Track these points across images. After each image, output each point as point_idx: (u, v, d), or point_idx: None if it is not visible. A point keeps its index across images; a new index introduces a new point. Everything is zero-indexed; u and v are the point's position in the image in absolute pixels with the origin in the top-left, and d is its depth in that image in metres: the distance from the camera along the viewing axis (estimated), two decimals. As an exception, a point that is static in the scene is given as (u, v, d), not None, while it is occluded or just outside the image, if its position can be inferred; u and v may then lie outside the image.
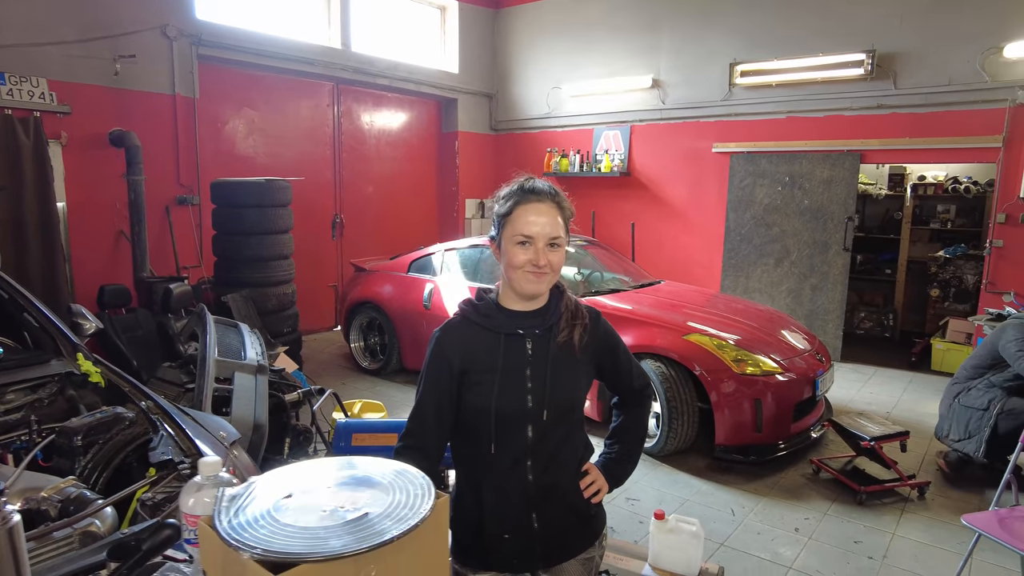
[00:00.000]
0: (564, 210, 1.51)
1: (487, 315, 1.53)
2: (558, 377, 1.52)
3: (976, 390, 3.86)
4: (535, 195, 1.48)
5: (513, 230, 1.47)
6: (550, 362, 1.51)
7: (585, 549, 1.64)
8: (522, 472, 1.52)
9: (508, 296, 1.54)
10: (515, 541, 1.54)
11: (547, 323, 1.53)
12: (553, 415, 1.51)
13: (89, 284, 5.23)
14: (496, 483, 1.52)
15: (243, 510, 0.94)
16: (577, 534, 1.63)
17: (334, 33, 7.22)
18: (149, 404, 2.18)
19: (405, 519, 0.90)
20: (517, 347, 1.51)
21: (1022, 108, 5.50)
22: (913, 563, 3.07)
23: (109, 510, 1.61)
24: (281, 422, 3.30)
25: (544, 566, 1.59)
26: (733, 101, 6.96)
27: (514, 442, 1.50)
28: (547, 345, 1.52)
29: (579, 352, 1.56)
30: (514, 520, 1.53)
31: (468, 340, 1.51)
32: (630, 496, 3.71)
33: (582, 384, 1.60)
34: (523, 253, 1.45)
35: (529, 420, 1.50)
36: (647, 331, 4.25)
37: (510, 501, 1.53)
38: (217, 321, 3.74)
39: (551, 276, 1.49)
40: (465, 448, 1.56)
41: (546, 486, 1.54)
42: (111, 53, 5.38)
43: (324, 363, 6.36)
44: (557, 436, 1.55)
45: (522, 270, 1.46)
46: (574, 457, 1.62)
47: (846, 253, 6.42)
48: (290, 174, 6.42)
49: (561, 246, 1.49)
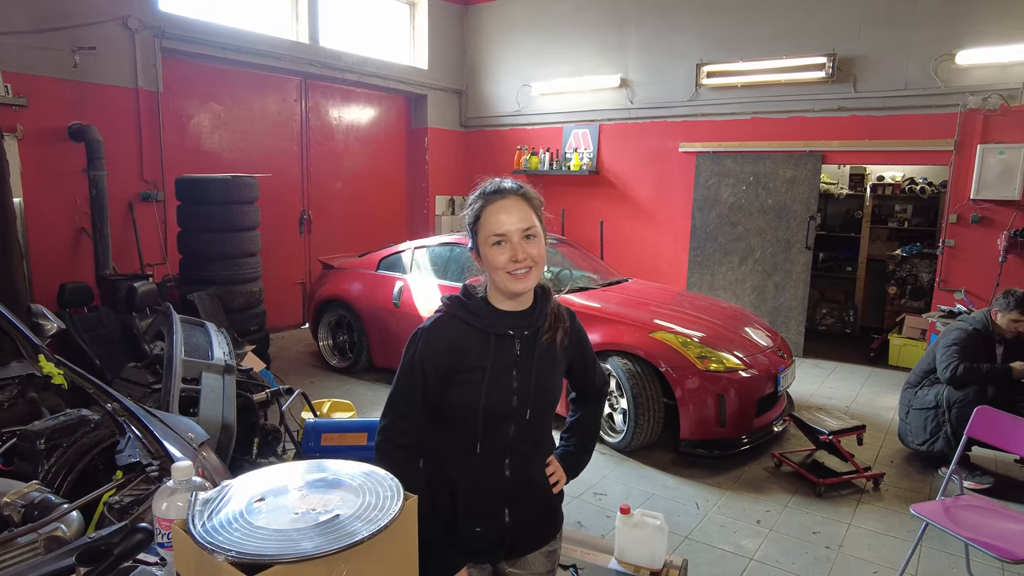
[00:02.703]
0: (532, 200, 1.51)
1: (477, 314, 1.52)
2: (542, 377, 1.55)
3: (923, 390, 4.06)
4: (498, 194, 1.49)
5: (486, 232, 1.47)
6: (535, 363, 1.54)
7: (548, 541, 1.69)
8: (500, 469, 1.55)
9: (495, 296, 1.54)
10: (486, 534, 1.57)
11: (534, 325, 1.55)
12: (535, 414, 1.55)
13: (49, 283, 5.11)
14: (474, 479, 1.54)
15: (216, 513, 0.96)
16: (544, 527, 1.68)
17: (302, 27, 7.14)
18: (115, 406, 2.16)
19: (375, 520, 0.93)
20: (506, 347, 1.52)
21: (972, 113, 5.71)
22: (867, 552, 3.20)
23: (75, 514, 1.60)
24: (249, 422, 3.28)
25: (507, 556, 1.64)
26: (699, 101, 7.08)
27: (496, 440, 1.53)
28: (533, 346, 1.54)
29: (560, 352, 1.60)
30: (488, 514, 1.56)
31: (456, 338, 1.50)
32: (597, 491, 3.78)
33: (560, 383, 1.65)
34: (501, 253, 1.45)
35: (512, 419, 1.53)
36: (614, 328, 4.32)
37: (486, 496, 1.55)
38: (183, 320, 3.69)
39: (535, 270, 1.48)
40: (445, 443, 1.56)
41: (521, 482, 1.58)
42: (70, 44, 5.24)
43: (292, 361, 6.31)
44: (536, 434, 1.60)
45: (504, 271, 1.45)
46: (547, 453, 1.68)
47: (808, 251, 6.59)
48: (257, 170, 6.34)
49: (538, 236, 1.48)
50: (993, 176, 5.60)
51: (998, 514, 2.72)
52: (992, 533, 2.54)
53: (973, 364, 3.78)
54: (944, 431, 3.88)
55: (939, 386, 3.96)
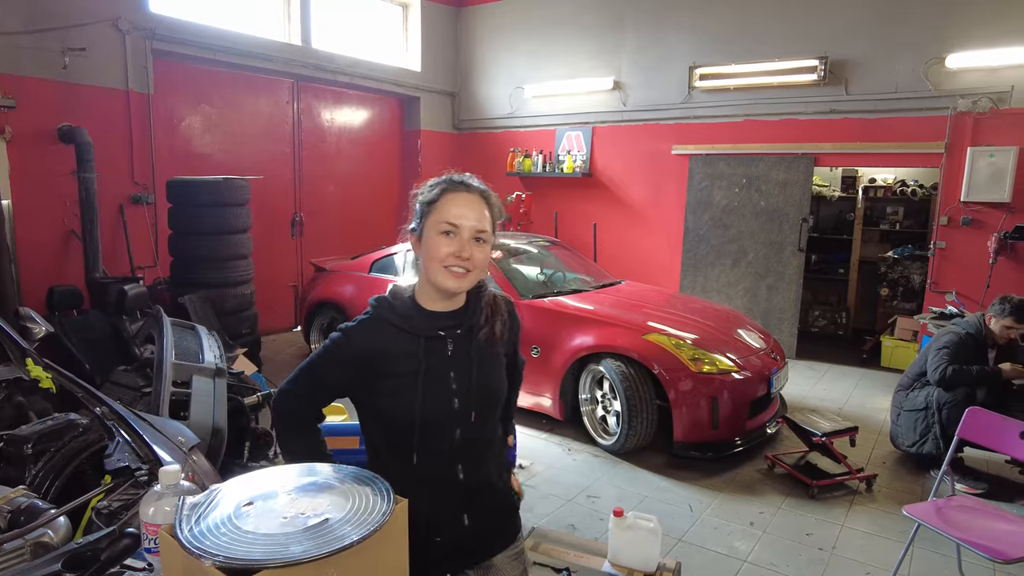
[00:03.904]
0: (493, 207, 1.47)
1: (405, 316, 1.45)
2: (484, 375, 1.49)
3: (914, 392, 4.07)
4: (464, 186, 1.45)
5: (438, 217, 1.41)
6: (474, 361, 1.47)
7: (512, 543, 1.62)
8: (452, 475, 1.48)
9: (425, 294, 1.47)
10: (446, 543, 1.49)
11: (469, 322, 1.49)
12: (480, 415, 1.48)
13: (38, 286, 5.06)
14: (426, 489, 1.44)
15: (204, 518, 0.95)
16: (504, 526, 1.62)
17: (294, 29, 7.13)
18: (104, 409, 2.14)
19: (364, 523, 0.92)
20: (438, 349, 1.45)
21: (962, 116, 5.75)
22: (859, 553, 3.21)
23: (62, 520, 1.58)
24: (240, 426, 3.26)
25: (473, 563, 1.56)
26: (692, 104, 7.10)
27: (442, 446, 1.46)
28: (469, 344, 1.48)
29: (499, 345, 1.54)
30: (446, 522, 1.49)
31: (381, 342, 1.43)
32: (591, 494, 3.77)
33: (503, 377, 1.58)
34: (447, 244, 1.39)
35: (457, 423, 1.45)
36: (608, 331, 4.32)
37: (442, 505, 1.48)
38: (174, 323, 3.67)
39: (473, 274, 1.42)
40: (393, 454, 1.48)
41: (475, 484, 1.51)
42: (59, 46, 5.20)
43: (284, 364, 6.28)
44: (485, 434, 1.54)
45: (442, 264, 1.39)
46: (497, 450, 1.60)
47: (801, 253, 6.61)
48: (248, 172, 6.31)
49: (487, 243, 1.43)
50: (983, 178, 5.63)
51: (989, 515, 2.73)
52: (983, 534, 2.55)
53: (962, 366, 3.79)
54: (933, 432, 3.89)
55: (930, 388, 3.98)
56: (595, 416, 4.45)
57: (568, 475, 4.01)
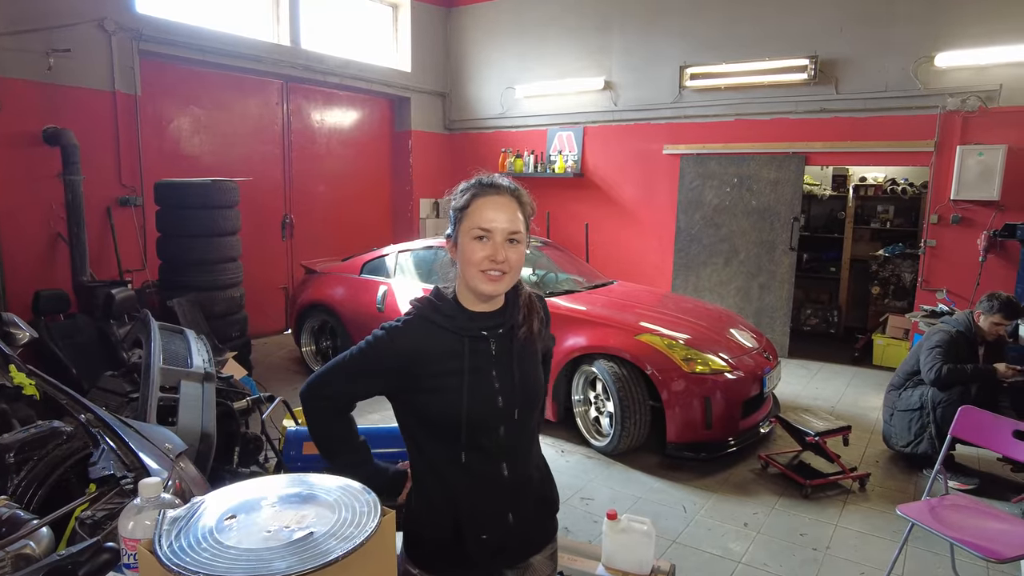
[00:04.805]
0: (524, 206, 1.46)
1: (450, 316, 1.46)
2: (525, 373, 1.51)
3: (907, 392, 4.07)
4: (494, 189, 1.44)
5: (471, 224, 1.41)
6: (515, 359, 1.49)
7: (549, 542, 1.64)
8: (498, 471, 1.49)
9: (466, 296, 1.48)
10: (492, 540, 1.50)
11: (508, 322, 1.50)
12: (523, 411, 1.51)
13: (24, 290, 4.99)
14: (473, 486, 1.48)
15: (185, 532, 0.92)
16: (546, 525, 1.64)
17: (283, 30, 7.07)
18: (89, 417, 2.10)
19: (350, 537, 0.90)
20: (482, 348, 1.47)
21: (952, 115, 5.77)
22: (853, 553, 3.20)
23: (45, 531, 1.54)
24: (230, 431, 3.22)
25: (513, 562, 1.57)
26: (683, 103, 7.10)
27: (487, 444, 1.47)
28: (510, 342, 1.50)
29: (537, 342, 1.57)
30: (492, 519, 1.50)
31: (424, 342, 1.45)
32: (584, 496, 3.76)
33: (541, 374, 1.61)
34: (481, 249, 1.39)
35: (501, 421, 1.48)
36: (600, 331, 4.30)
37: (488, 501, 1.50)
38: (161, 327, 3.62)
39: (510, 276, 1.43)
40: (435, 453, 1.50)
41: (520, 481, 1.53)
42: (44, 47, 5.14)
43: (275, 367, 6.24)
44: (527, 431, 1.56)
45: (479, 269, 1.40)
46: (538, 445, 1.63)
47: (792, 252, 6.62)
48: (238, 174, 6.26)
49: (521, 243, 1.43)
50: (972, 177, 5.65)
51: (982, 513, 2.73)
52: (977, 533, 2.54)
53: (957, 365, 3.80)
54: (928, 432, 3.89)
55: (923, 387, 3.97)
56: (588, 417, 4.44)
57: (561, 477, 3.99)
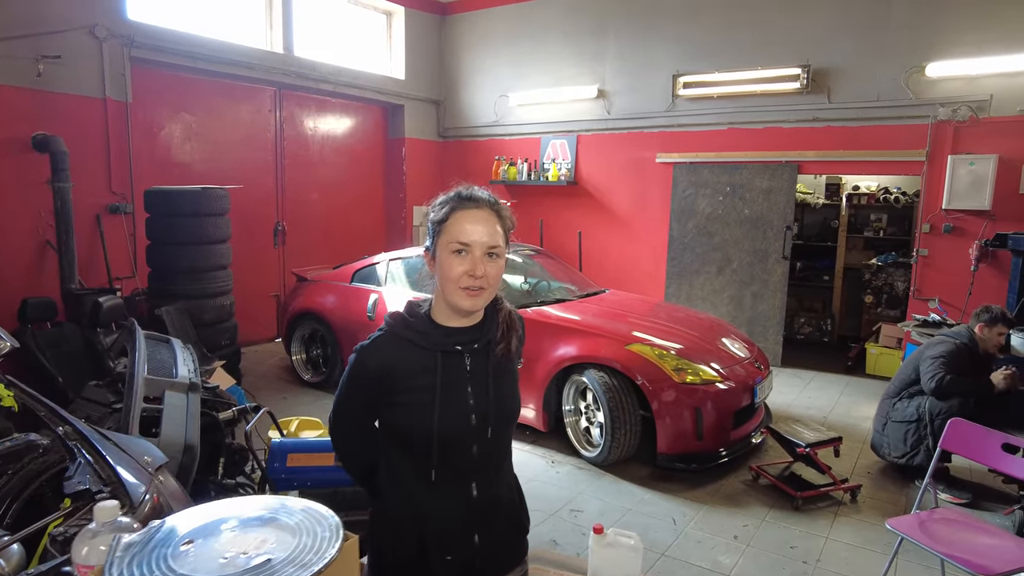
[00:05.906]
0: (504, 219, 1.44)
1: (422, 332, 1.43)
2: (501, 391, 1.48)
3: (902, 402, 4.04)
4: (473, 202, 1.41)
5: (449, 237, 1.39)
6: (491, 376, 1.46)
7: (518, 564, 1.61)
8: (467, 491, 1.46)
9: (442, 311, 1.45)
10: (457, 561, 1.47)
11: (485, 337, 1.47)
12: (497, 430, 1.47)
13: (10, 297, 4.94)
14: (440, 505, 1.45)
15: (138, 560, 0.89)
16: (513, 545, 1.61)
17: (276, 37, 7.06)
18: (67, 429, 2.06)
19: (309, 564, 0.87)
20: (456, 364, 1.44)
21: (943, 124, 5.78)
22: (843, 566, 3.17)
23: (16, 547, 1.51)
24: (215, 442, 3.18)
25: None
26: (676, 112, 7.10)
27: (459, 462, 1.44)
28: (486, 359, 1.47)
29: (514, 361, 1.54)
30: (458, 540, 1.47)
31: (394, 358, 1.42)
32: (573, 507, 3.72)
33: (518, 392, 1.58)
34: (459, 263, 1.37)
35: (474, 439, 1.44)
36: (591, 341, 4.27)
37: (454, 521, 1.46)
38: (148, 336, 3.59)
39: (488, 291, 1.41)
40: (408, 470, 1.46)
41: (489, 502, 1.50)
42: (33, 53, 5.11)
43: (264, 376, 6.19)
44: (500, 450, 1.53)
45: (457, 285, 1.37)
46: (510, 467, 1.60)
47: (785, 261, 6.61)
48: (229, 181, 6.23)
49: (500, 256, 1.41)
50: (964, 186, 5.66)
51: (973, 527, 2.70)
52: (967, 548, 2.52)
53: (958, 376, 3.77)
54: (925, 444, 3.84)
55: (920, 398, 3.94)
56: (579, 427, 4.41)
57: (551, 488, 3.96)
